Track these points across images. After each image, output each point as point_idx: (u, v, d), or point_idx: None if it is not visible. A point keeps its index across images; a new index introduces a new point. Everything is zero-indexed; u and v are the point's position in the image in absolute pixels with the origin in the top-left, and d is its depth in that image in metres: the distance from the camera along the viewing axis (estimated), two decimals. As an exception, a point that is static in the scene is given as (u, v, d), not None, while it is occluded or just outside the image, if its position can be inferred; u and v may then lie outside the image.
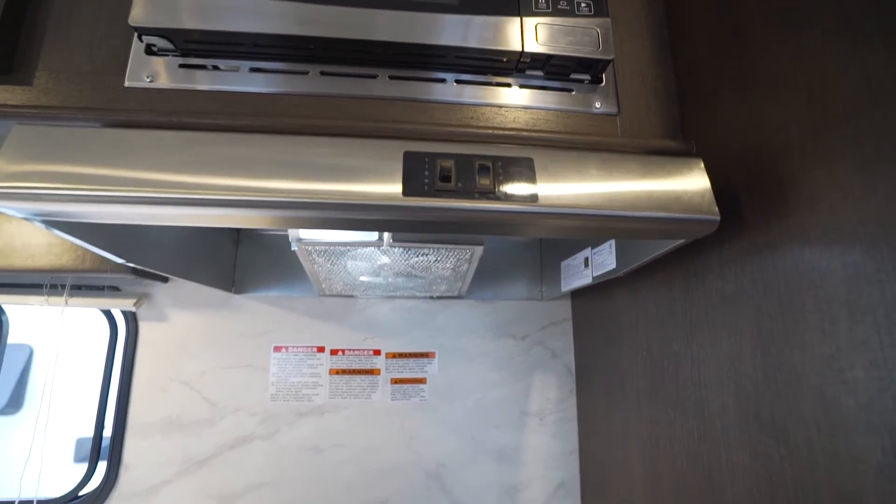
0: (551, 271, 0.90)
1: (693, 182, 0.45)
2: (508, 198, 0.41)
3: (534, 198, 0.41)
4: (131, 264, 0.60)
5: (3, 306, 0.95)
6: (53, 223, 0.45)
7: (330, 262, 0.75)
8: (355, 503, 0.85)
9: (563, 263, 0.83)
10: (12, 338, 0.96)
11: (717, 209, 0.44)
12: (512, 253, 0.97)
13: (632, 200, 0.43)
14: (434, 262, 0.76)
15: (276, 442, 0.86)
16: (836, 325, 0.38)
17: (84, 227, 0.51)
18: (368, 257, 0.76)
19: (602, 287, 0.81)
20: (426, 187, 0.40)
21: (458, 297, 0.92)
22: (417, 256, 0.74)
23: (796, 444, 0.41)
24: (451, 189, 0.40)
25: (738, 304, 0.49)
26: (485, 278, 0.94)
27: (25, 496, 0.82)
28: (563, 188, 0.42)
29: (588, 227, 0.43)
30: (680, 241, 0.48)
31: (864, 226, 0.36)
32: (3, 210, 0.40)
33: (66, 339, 0.89)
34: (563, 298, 0.96)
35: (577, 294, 0.94)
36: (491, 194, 0.40)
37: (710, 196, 0.44)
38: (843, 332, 0.37)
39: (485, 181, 0.41)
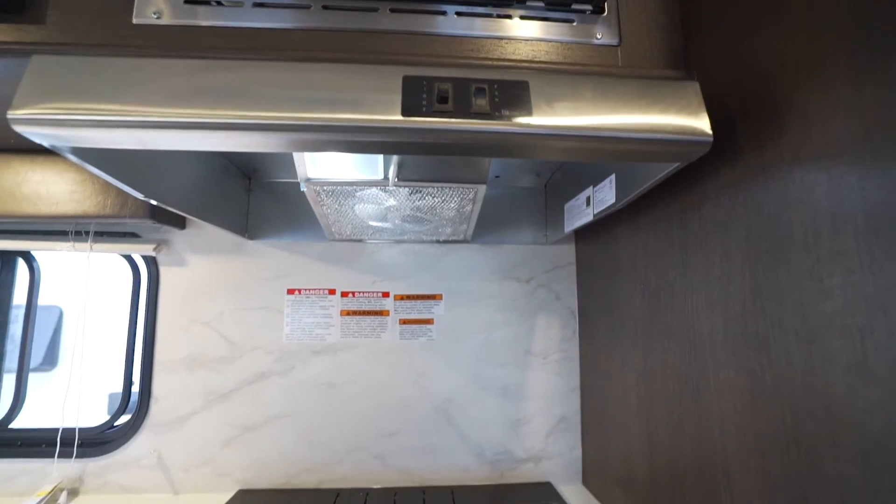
0: (556, 216, 0.91)
1: (687, 104, 0.45)
2: (504, 118, 0.42)
3: (529, 119, 0.42)
4: (151, 199, 0.63)
5: (35, 255, 1.01)
6: (76, 151, 0.48)
7: (338, 203, 0.78)
8: (368, 434, 0.91)
9: (567, 205, 0.84)
10: (43, 300, 1.02)
11: (709, 129, 0.45)
12: (517, 199, 0.98)
13: (626, 121, 0.44)
14: (439, 203, 0.78)
15: (292, 378, 0.91)
16: (818, 236, 0.39)
17: (107, 159, 0.54)
18: (375, 199, 0.78)
19: (605, 229, 0.83)
20: (424, 108, 0.41)
21: (464, 241, 0.95)
22: (422, 198, 0.76)
23: (777, 354, 0.44)
24: (448, 110, 0.42)
25: (730, 229, 0.50)
26: (490, 223, 0.96)
27: (67, 425, 0.89)
28: (557, 109, 0.43)
29: (582, 148, 0.45)
30: (675, 165, 0.49)
31: (852, 137, 0.37)
32: (28, 136, 0.43)
33: (92, 287, 0.94)
34: (567, 243, 0.98)
35: (581, 238, 0.96)
36: (487, 115, 0.42)
37: (703, 116, 0.45)
38: (824, 243, 0.39)
39: (481, 102, 0.42)
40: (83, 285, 0.93)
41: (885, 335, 0.34)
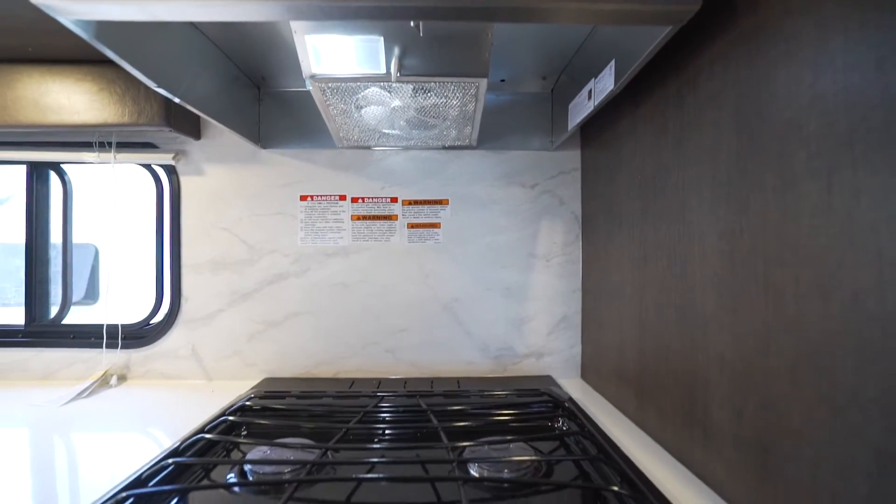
0: (561, 121, 0.90)
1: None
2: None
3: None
4: (175, 97, 0.66)
5: (65, 169, 1.07)
6: (100, 36, 0.50)
7: (343, 102, 0.79)
8: (380, 330, 0.98)
9: (571, 105, 0.83)
10: (78, 238, 1.08)
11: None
12: (523, 105, 0.98)
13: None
14: (442, 102, 0.79)
15: (308, 278, 0.98)
16: (800, 84, 0.40)
17: (127, 48, 0.56)
18: (380, 100, 0.79)
19: (609, 130, 0.82)
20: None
21: (470, 147, 0.96)
22: (425, 97, 0.77)
23: (755, 211, 0.45)
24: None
25: (722, 99, 0.50)
26: (496, 129, 0.96)
27: (110, 321, 0.99)
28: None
29: (569, 8, 0.45)
30: (668, 30, 0.49)
31: (840, -26, 0.36)
32: (46, 10, 0.45)
33: (118, 195, 1.00)
34: (572, 148, 0.98)
35: (586, 143, 0.95)
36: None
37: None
38: (804, 91, 0.39)
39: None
40: (111, 195, 0.99)
41: (850, 171, 0.35)
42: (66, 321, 1.06)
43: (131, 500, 0.47)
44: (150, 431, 0.71)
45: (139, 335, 1.00)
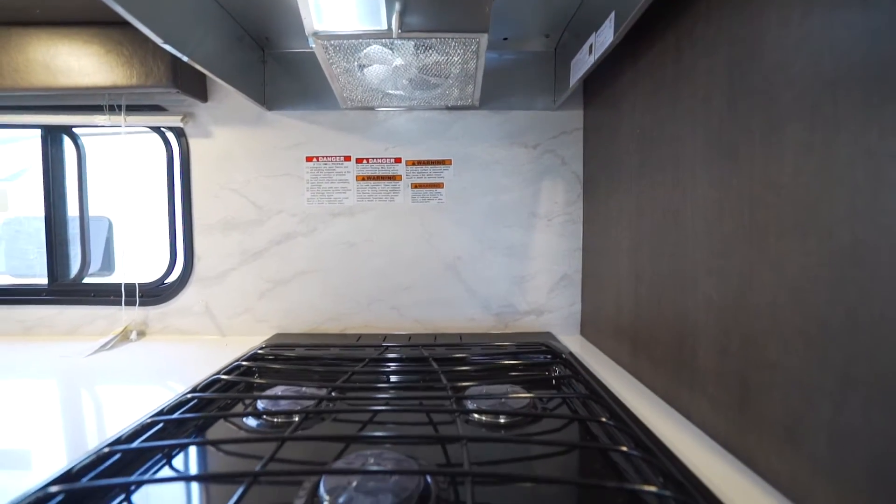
0: (564, 79, 0.90)
1: None
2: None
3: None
4: (174, 49, 0.67)
5: (78, 133, 1.09)
6: None
7: (346, 61, 0.80)
8: (385, 288, 1.01)
9: (573, 61, 0.83)
10: (93, 211, 1.11)
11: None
12: (526, 64, 0.97)
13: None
14: (443, 60, 0.79)
15: (315, 238, 1.00)
16: (788, 25, 0.40)
17: (136, 5, 0.58)
18: (382, 58, 0.80)
19: (610, 87, 0.82)
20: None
21: (472, 107, 0.96)
22: (427, 55, 0.77)
23: (743, 156, 0.47)
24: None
25: (716, 44, 0.50)
26: (499, 89, 0.97)
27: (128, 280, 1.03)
28: None
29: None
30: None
31: None
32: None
33: (129, 158, 1.03)
34: (575, 108, 0.98)
35: (589, 102, 0.95)
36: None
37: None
38: (792, 31, 0.40)
39: None
40: (123, 159, 1.02)
41: (831, 107, 0.36)
42: (85, 281, 1.11)
43: (160, 424, 0.52)
44: (171, 378, 0.75)
45: (155, 293, 1.05)
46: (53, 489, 0.39)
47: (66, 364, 0.83)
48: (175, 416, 0.54)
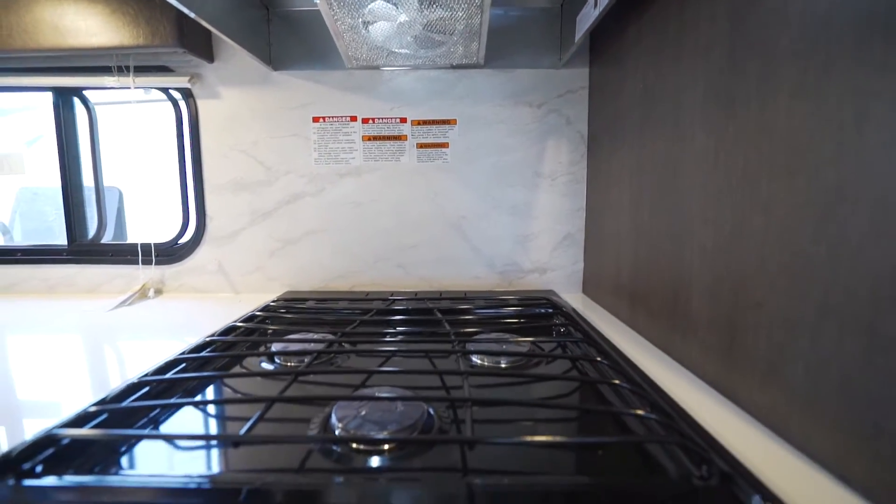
0: (570, 37, 0.90)
1: None
2: None
3: None
4: (191, 11, 0.68)
5: (88, 96, 1.11)
6: None
7: (351, 17, 0.80)
8: (391, 246, 1.03)
9: (578, 17, 0.82)
10: (104, 182, 1.13)
11: None
12: (532, 21, 0.96)
13: None
14: (447, 16, 0.79)
15: (323, 198, 1.03)
16: (789, -32, 0.40)
17: None
18: (387, 14, 0.80)
19: (616, 44, 0.82)
20: None
21: (477, 65, 0.96)
22: (431, 10, 0.77)
23: (740, 105, 0.47)
24: None
25: (720, -8, 0.50)
26: (504, 47, 0.96)
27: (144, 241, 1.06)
28: None
29: None
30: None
31: None
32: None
33: (136, 127, 1.05)
34: (581, 66, 0.97)
35: (594, 60, 0.95)
36: None
37: None
38: (793, -27, 0.40)
39: None
40: (131, 126, 1.04)
41: (824, 48, 0.37)
42: (103, 241, 1.15)
43: (185, 363, 0.56)
44: (190, 330, 0.79)
45: (170, 253, 1.08)
46: (93, 409, 0.43)
47: (90, 319, 0.88)
48: (199, 354, 0.58)
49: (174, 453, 0.41)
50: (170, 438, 0.41)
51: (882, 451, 0.32)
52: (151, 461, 0.40)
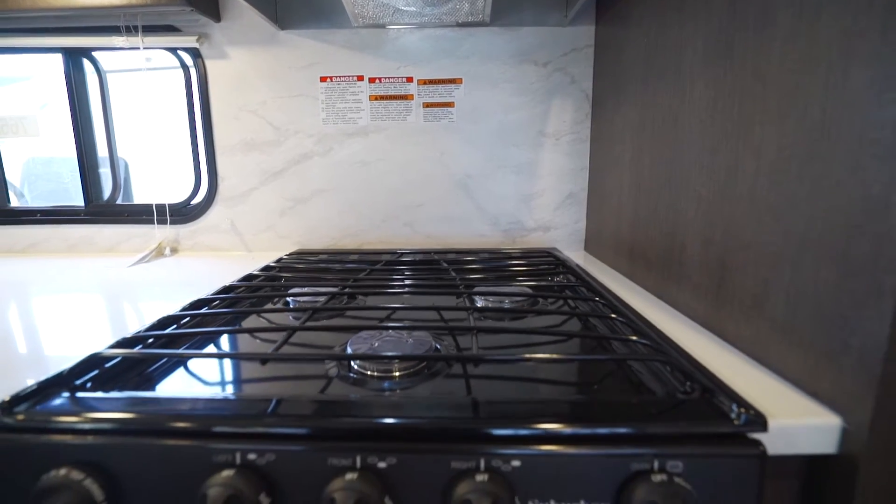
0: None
1: None
2: None
3: None
4: None
5: (97, 57, 1.12)
6: None
7: (355, -28, 0.80)
8: (398, 205, 1.06)
9: (585, -29, 0.82)
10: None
11: None
12: (539, -24, 0.96)
13: None
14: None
15: (331, 158, 1.05)
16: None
17: None
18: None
19: (621, 2, 0.82)
20: None
21: (483, 23, 0.96)
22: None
23: (738, 51, 0.49)
24: None
25: (723, -60, 0.51)
26: (510, 4, 0.96)
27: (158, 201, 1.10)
28: None
29: None
30: None
31: None
32: None
33: (145, 87, 1.06)
34: (586, 24, 0.97)
35: (601, 18, 0.94)
36: None
37: None
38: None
39: None
40: (140, 86, 1.05)
41: (814, 6, 0.38)
42: (118, 202, 1.18)
43: (205, 307, 0.60)
44: (209, 282, 0.83)
45: (184, 213, 1.12)
46: (133, 336, 0.47)
47: (112, 274, 0.92)
48: (215, 295, 0.62)
49: (209, 371, 0.45)
50: (205, 357, 0.45)
51: (847, 364, 0.36)
52: (188, 378, 0.44)
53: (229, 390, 0.43)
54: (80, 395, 0.40)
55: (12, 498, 0.35)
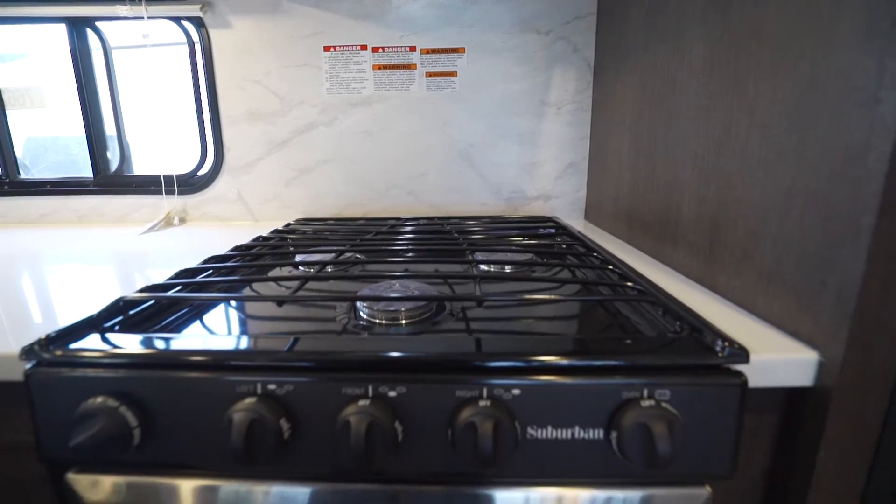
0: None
1: None
2: None
3: None
4: None
5: (101, 28, 1.13)
6: None
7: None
8: (401, 174, 1.08)
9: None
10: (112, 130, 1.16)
11: None
12: (542, -58, 0.96)
13: None
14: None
15: (335, 127, 1.06)
16: None
17: None
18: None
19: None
20: None
21: (485, -10, 0.96)
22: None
23: (734, 10, 0.50)
24: None
25: None
26: (512, -29, 0.96)
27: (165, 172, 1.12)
28: None
29: None
30: None
31: None
32: None
33: (148, 52, 1.07)
34: (590, -9, 0.97)
35: (604, -16, 0.95)
36: None
37: None
38: None
39: None
40: (144, 49, 1.06)
41: (811, -53, 0.39)
42: (126, 174, 1.20)
43: (218, 262, 0.62)
44: (220, 248, 0.86)
45: (191, 183, 1.14)
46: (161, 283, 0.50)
47: (124, 243, 0.94)
48: (227, 254, 0.65)
49: (229, 316, 0.48)
50: (224, 299, 0.48)
51: (825, 301, 0.38)
52: (209, 322, 0.47)
53: (250, 330, 0.46)
54: (108, 335, 0.42)
55: (56, 423, 0.38)
